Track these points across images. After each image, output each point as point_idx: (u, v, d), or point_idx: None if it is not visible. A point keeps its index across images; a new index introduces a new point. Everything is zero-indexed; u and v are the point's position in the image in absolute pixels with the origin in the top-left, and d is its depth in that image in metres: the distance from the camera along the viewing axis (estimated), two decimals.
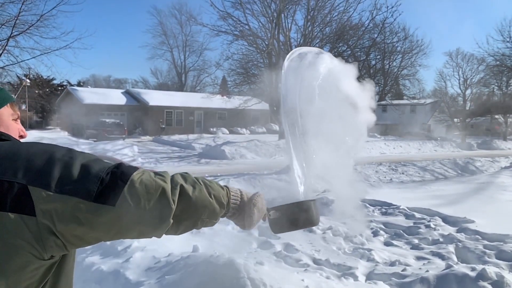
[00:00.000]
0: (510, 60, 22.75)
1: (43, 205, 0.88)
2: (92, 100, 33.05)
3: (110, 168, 0.99)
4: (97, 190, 0.92)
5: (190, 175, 1.16)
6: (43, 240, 0.89)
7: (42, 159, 0.93)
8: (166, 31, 52.89)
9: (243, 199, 1.28)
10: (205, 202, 1.12)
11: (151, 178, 1.01)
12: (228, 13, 16.49)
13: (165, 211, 1.00)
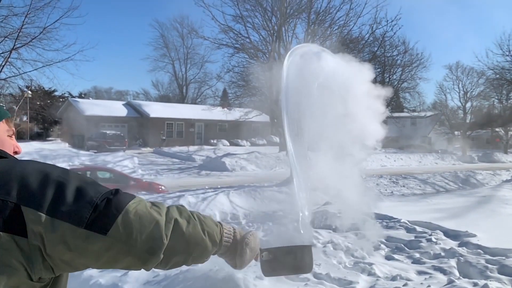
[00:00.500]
0: (509, 74, 22.84)
1: (34, 227, 0.86)
2: (93, 112, 33.14)
3: (106, 194, 0.96)
4: (89, 217, 0.90)
5: (186, 208, 1.13)
6: (33, 261, 0.87)
7: (37, 179, 0.91)
8: (168, 43, 53.36)
9: (235, 237, 1.24)
10: (197, 239, 1.09)
11: (146, 210, 0.99)
12: (229, 27, 16.63)
13: (156, 246, 0.98)
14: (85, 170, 13.14)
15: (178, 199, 10.84)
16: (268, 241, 6.74)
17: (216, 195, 11.61)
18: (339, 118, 5.06)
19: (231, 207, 11.25)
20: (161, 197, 11.13)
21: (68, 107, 37.26)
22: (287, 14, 16.33)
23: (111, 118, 33.87)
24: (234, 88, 22.63)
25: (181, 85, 54.98)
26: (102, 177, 13.02)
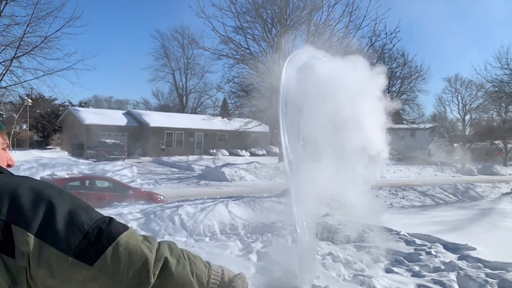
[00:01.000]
0: (508, 87, 22.95)
1: (23, 247, 0.84)
2: (93, 121, 33.17)
3: (98, 221, 0.93)
4: (78, 245, 0.87)
5: (177, 246, 1.09)
6: (18, 283, 0.85)
7: (29, 197, 0.89)
8: (168, 53, 53.66)
9: (223, 280, 1.19)
10: (185, 280, 1.05)
11: (137, 244, 0.95)
12: (229, 38, 16.74)
13: (142, 284, 0.94)
14: (84, 179, 13.09)
15: (177, 209, 10.79)
16: (267, 253, 6.71)
17: (215, 206, 11.57)
18: (342, 127, 5.06)
19: (230, 217, 11.20)
20: (159, 207, 11.08)
21: (68, 115, 37.32)
22: (287, 26, 16.46)
23: (111, 127, 33.90)
24: (234, 98, 22.71)
25: (181, 94, 55.18)
26: (101, 186, 12.98)
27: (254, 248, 6.94)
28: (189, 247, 6.75)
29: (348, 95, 4.98)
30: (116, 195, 12.70)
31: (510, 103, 31.15)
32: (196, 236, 9.70)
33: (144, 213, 10.42)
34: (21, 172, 18.55)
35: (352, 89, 4.99)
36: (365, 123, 5.02)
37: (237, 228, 10.78)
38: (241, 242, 7.50)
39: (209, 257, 6.11)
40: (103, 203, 12.08)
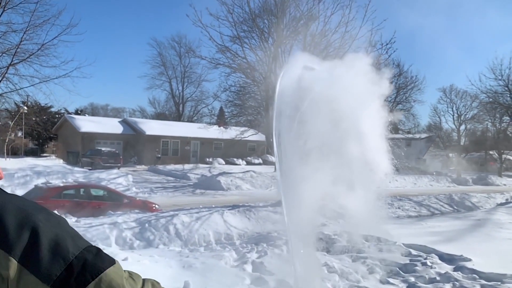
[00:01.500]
0: (502, 98, 23.17)
1: (3, 271, 0.81)
2: (89, 129, 33.08)
3: (84, 252, 0.88)
4: (59, 276, 0.82)
5: (160, 285, 1.03)
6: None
7: (15, 220, 0.85)
8: (165, 62, 53.77)
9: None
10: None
11: (121, 282, 0.91)
12: (226, 47, 16.78)
13: None
14: (79, 187, 12.99)
15: (172, 218, 10.72)
16: (262, 263, 6.66)
17: (210, 215, 11.50)
18: (341, 137, 5.06)
19: (225, 227, 11.14)
20: (154, 216, 11.01)
21: (64, 123, 37.21)
22: (283, 35, 16.56)
23: (106, 135, 33.81)
24: (230, 107, 22.73)
25: (177, 103, 55.19)
26: (95, 194, 12.88)
27: (249, 258, 6.89)
28: (184, 257, 6.69)
29: (348, 103, 4.98)
30: (111, 203, 12.61)
31: (505, 114, 31.38)
32: (191, 245, 9.63)
33: (138, 222, 10.35)
34: (15, 180, 18.40)
35: (352, 96, 4.99)
36: (365, 132, 5.03)
37: (233, 237, 10.71)
38: (236, 252, 7.45)
39: (203, 267, 6.07)
40: (97, 211, 11.99)
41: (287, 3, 16.21)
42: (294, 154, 4.91)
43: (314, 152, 5.25)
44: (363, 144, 5.12)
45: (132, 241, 9.52)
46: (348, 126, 5.12)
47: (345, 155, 5.24)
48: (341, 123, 5.08)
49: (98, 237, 9.26)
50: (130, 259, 5.68)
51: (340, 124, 5.10)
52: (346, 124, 5.09)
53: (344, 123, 5.09)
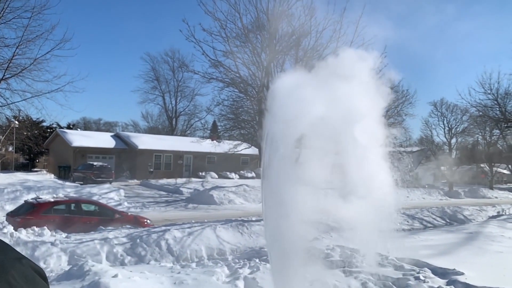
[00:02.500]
0: (492, 111, 23.47)
1: None
2: (81, 143, 32.89)
3: None
4: None
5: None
6: None
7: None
8: (159, 76, 53.92)
9: None
10: None
11: None
12: (219, 62, 16.89)
13: None
14: (69, 202, 12.84)
15: (164, 233, 10.62)
16: (254, 279, 6.59)
17: (202, 230, 11.41)
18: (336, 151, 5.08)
19: (217, 242, 11.04)
20: (146, 231, 10.89)
21: (56, 137, 36.96)
22: (276, 50, 16.73)
23: (98, 150, 33.60)
24: (223, 121, 22.76)
25: (170, 117, 55.17)
26: (86, 209, 12.74)
27: (242, 274, 6.82)
28: (175, 273, 6.61)
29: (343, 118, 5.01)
30: (102, 219, 12.48)
31: (494, 127, 31.77)
32: (182, 261, 9.52)
33: (130, 237, 10.23)
34: (5, 196, 18.15)
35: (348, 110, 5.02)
36: (362, 145, 5.05)
37: (225, 253, 10.62)
38: (228, 268, 7.38)
39: (195, 283, 5.99)
40: (88, 227, 11.85)
41: (279, 19, 16.43)
42: (282, 167, 4.91)
43: (306, 165, 5.26)
44: (359, 157, 5.14)
45: (123, 257, 9.40)
46: (344, 140, 5.14)
47: (340, 168, 5.27)
48: (336, 137, 5.10)
49: (88, 253, 9.13)
50: (121, 276, 5.60)
51: (336, 138, 5.12)
52: (343, 139, 5.11)
53: (340, 137, 5.11)
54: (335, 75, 4.94)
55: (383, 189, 5.13)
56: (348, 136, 4.99)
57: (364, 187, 5.15)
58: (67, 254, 8.99)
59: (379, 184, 5.16)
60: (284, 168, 4.81)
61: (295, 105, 4.74)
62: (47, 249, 8.98)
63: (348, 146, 5.09)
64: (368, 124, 5.07)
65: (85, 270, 5.97)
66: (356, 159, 5.14)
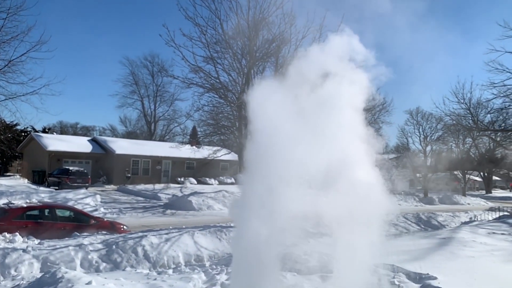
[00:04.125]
0: (465, 120, 24.23)
1: None
2: (56, 147, 32.11)
3: None
4: None
5: None
6: None
7: None
8: (138, 81, 53.31)
9: None
10: None
11: None
12: (199, 67, 16.86)
13: None
14: (43, 208, 12.50)
15: (140, 240, 10.47)
16: (231, 285, 6.57)
17: (180, 236, 11.31)
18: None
19: (195, 248, 10.96)
20: (122, 237, 10.71)
21: (30, 141, 36.00)
22: (256, 57, 16.84)
23: (75, 154, 32.91)
24: (203, 126, 22.70)
25: (149, 122, 54.56)
26: (61, 215, 12.42)
27: (219, 280, 6.80)
28: (151, 280, 6.52)
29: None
30: (77, 225, 12.20)
31: (467, 136, 32.75)
32: (159, 267, 9.40)
33: (105, 243, 10.04)
34: None
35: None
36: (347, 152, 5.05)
37: (203, 259, 10.55)
38: (206, 274, 7.34)
39: None
40: (63, 233, 11.56)
41: (260, 26, 16.56)
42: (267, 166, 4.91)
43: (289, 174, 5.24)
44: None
45: (98, 264, 9.21)
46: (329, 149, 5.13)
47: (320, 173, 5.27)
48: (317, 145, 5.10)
49: (62, 260, 8.91)
50: (95, 283, 5.49)
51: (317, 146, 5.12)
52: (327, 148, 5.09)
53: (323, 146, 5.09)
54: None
55: (368, 194, 5.16)
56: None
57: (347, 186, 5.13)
58: (40, 261, 8.75)
59: (365, 189, 5.20)
60: (268, 166, 4.78)
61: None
62: (19, 256, 8.72)
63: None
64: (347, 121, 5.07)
65: (57, 277, 5.82)
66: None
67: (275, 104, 4.77)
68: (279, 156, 4.77)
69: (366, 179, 5.14)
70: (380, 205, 5.17)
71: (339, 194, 4.83)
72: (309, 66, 4.95)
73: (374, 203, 5.03)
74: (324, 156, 4.97)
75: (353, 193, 4.89)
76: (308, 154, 4.92)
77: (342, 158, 5.05)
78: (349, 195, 4.85)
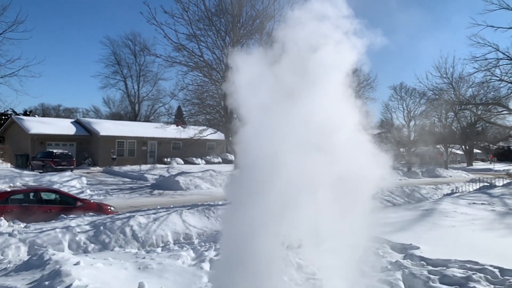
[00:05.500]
0: (447, 95, 24.51)
1: None
2: (39, 130, 31.53)
3: None
4: None
5: None
6: None
7: None
8: (120, 61, 52.17)
9: None
10: None
11: None
12: (182, 45, 16.54)
13: None
14: (28, 191, 12.37)
15: (128, 220, 10.49)
16: (220, 260, 6.67)
17: (168, 215, 11.36)
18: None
19: (184, 226, 11.04)
20: (109, 218, 10.71)
21: (12, 125, 35.24)
22: (240, 34, 16.61)
23: (58, 137, 32.38)
24: (188, 106, 22.50)
25: (133, 102, 53.77)
26: (47, 198, 12.32)
27: (207, 256, 6.89)
28: (140, 258, 6.58)
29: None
30: (63, 207, 12.13)
31: (449, 110, 33.24)
32: (148, 247, 9.47)
33: (93, 225, 10.03)
34: None
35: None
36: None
37: (191, 237, 10.64)
38: (194, 251, 7.42)
39: (159, 268, 6.00)
40: (49, 216, 11.49)
41: (243, 2, 16.26)
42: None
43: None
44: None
45: (86, 245, 9.23)
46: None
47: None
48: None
49: (49, 242, 8.89)
50: (83, 263, 5.51)
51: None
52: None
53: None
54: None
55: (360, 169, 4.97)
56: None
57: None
58: (27, 244, 8.71)
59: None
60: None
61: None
62: (5, 240, 8.66)
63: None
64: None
65: (45, 259, 5.83)
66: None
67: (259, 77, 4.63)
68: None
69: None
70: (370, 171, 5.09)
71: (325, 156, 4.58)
72: (292, 31, 4.76)
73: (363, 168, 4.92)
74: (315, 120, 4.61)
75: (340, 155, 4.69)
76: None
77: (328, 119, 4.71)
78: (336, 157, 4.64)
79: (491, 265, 6.58)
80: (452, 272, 6.43)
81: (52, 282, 4.81)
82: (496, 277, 6.24)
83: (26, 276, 5.44)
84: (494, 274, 6.31)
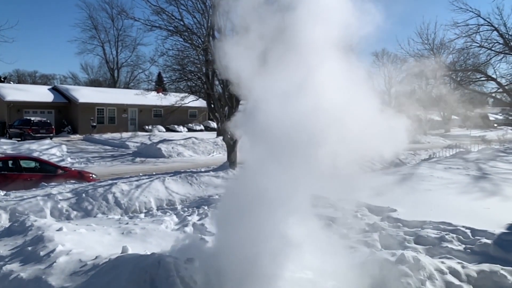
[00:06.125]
0: (428, 61, 24.68)
1: None
2: (15, 97, 30.58)
3: None
4: None
5: None
6: None
7: None
8: (97, 25, 50.08)
9: None
10: None
11: None
12: (161, 8, 15.95)
13: None
14: (6, 159, 12.14)
15: (110, 187, 10.47)
16: (203, 225, 6.80)
17: (151, 182, 11.38)
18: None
19: (166, 193, 11.10)
20: (91, 186, 10.67)
21: None
22: None
23: (36, 104, 31.54)
24: (169, 72, 22.03)
25: (112, 68, 52.28)
26: (26, 166, 12.14)
27: (190, 221, 7.00)
28: (123, 224, 6.63)
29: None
30: (44, 175, 11.99)
31: (430, 77, 33.47)
32: (131, 213, 9.53)
33: (75, 192, 9.99)
34: None
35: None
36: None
37: (175, 203, 10.74)
38: (177, 216, 7.51)
39: (143, 232, 6.07)
40: (29, 184, 11.37)
41: None
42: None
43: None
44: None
45: (68, 212, 9.22)
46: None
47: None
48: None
49: (31, 210, 8.84)
50: (66, 229, 5.53)
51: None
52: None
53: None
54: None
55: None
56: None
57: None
58: (7, 212, 8.65)
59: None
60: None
61: None
62: None
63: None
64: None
65: (27, 226, 5.81)
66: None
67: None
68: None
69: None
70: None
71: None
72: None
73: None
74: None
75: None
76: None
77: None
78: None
79: (463, 226, 6.87)
80: (427, 233, 6.71)
81: (35, 247, 4.83)
82: (467, 237, 6.54)
83: (8, 242, 5.43)
84: (466, 235, 6.61)
